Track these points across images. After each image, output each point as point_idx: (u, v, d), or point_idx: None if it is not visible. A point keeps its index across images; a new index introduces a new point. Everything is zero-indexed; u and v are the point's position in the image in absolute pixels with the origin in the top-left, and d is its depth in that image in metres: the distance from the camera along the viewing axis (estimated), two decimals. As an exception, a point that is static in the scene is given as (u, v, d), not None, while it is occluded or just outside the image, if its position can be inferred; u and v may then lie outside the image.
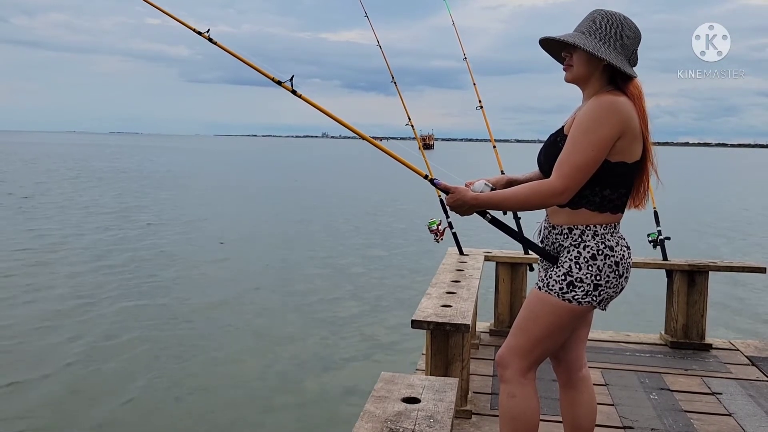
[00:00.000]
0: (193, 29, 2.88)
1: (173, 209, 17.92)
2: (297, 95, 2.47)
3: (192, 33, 2.90)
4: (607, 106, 1.87)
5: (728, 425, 3.02)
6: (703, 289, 4.16)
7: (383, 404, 1.79)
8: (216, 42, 2.83)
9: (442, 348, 2.75)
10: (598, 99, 1.90)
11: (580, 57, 1.95)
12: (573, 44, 1.92)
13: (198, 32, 2.86)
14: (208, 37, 2.82)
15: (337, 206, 19.87)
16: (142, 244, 12.22)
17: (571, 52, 1.97)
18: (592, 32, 1.93)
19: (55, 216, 15.68)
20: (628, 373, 3.71)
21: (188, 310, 7.79)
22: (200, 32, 2.85)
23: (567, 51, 1.98)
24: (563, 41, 1.94)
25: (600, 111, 1.87)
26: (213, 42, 2.83)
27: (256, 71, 2.62)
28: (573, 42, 1.91)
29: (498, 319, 4.40)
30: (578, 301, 1.93)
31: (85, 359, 6.02)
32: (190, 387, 5.47)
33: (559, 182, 1.87)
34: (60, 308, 7.62)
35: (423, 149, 4.54)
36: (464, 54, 4.98)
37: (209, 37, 2.82)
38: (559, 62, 2.07)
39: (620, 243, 1.97)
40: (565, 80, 2.02)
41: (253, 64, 2.65)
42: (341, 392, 5.44)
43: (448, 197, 2.05)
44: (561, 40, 1.95)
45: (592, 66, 1.94)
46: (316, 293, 8.79)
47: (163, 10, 2.99)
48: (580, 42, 1.91)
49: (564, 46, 1.98)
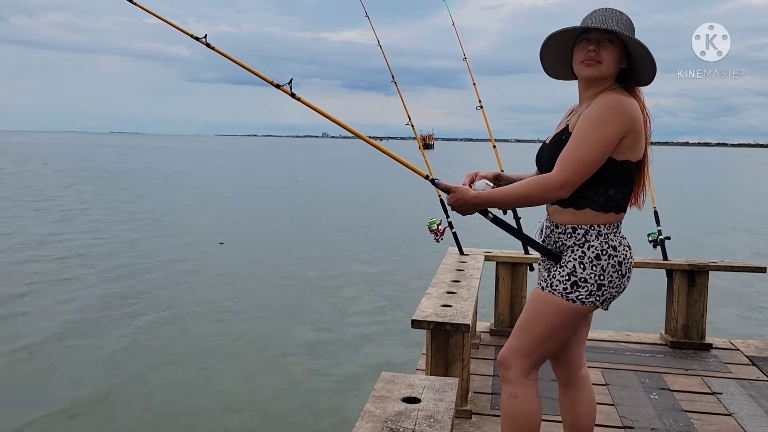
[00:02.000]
0: (190, 35, 2.87)
1: (174, 209, 17.92)
2: (296, 98, 2.46)
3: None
4: (616, 103, 1.87)
5: (728, 425, 3.02)
6: (703, 288, 4.15)
7: (383, 404, 1.79)
8: (214, 47, 2.81)
9: (442, 348, 2.75)
10: (606, 96, 1.90)
11: (613, 55, 1.90)
12: (637, 42, 1.85)
13: (195, 38, 2.84)
14: (206, 42, 2.81)
15: (336, 206, 19.87)
16: (142, 244, 12.22)
17: (602, 48, 1.89)
18: (626, 32, 1.88)
19: (60, 218, 15.67)
20: (628, 372, 3.71)
21: (187, 310, 7.79)
22: (198, 38, 2.84)
23: (598, 46, 1.89)
24: (630, 38, 1.86)
25: (608, 108, 1.86)
26: (211, 47, 2.81)
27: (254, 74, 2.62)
28: (640, 42, 1.85)
29: (498, 319, 4.40)
30: (582, 301, 1.93)
31: (82, 360, 6.03)
32: (190, 387, 5.47)
33: (561, 176, 1.87)
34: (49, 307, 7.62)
35: (423, 149, 4.55)
36: (464, 54, 4.98)
37: (207, 42, 2.80)
38: (547, 63, 2.06)
39: (623, 243, 1.97)
40: (589, 77, 1.94)
41: (251, 68, 2.63)
42: (341, 392, 5.43)
43: (450, 197, 2.04)
44: (624, 35, 1.86)
45: (617, 66, 1.92)
46: (316, 293, 8.79)
47: (160, 17, 2.95)
48: (638, 40, 1.84)
49: (595, 39, 1.91)
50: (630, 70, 1.96)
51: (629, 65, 1.95)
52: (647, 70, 1.92)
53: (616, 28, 1.86)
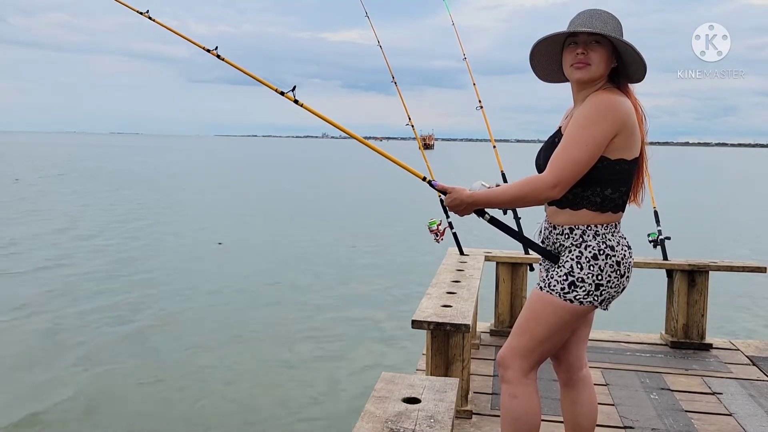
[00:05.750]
0: (201, 47, 2.97)
1: (174, 209, 17.93)
2: (299, 104, 2.51)
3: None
4: (606, 103, 1.87)
5: (729, 425, 3.02)
6: (703, 288, 4.16)
7: (384, 404, 1.79)
8: (224, 59, 2.90)
9: (442, 348, 2.75)
10: (596, 96, 1.90)
11: (602, 56, 1.90)
12: (625, 43, 1.85)
13: (207, 50, 2.93)
14: (217, 54, 2.90)
15: (336, 206, 19.87)
16: (142, 244, 12.23)
17: (590, 50, 1.90)
18: (612, 32, 1.88)
19: (60, 216, 15.69)
20: (628, 372, 3.71)
21: (186, 310, 7.79)
22: (209, 50, 2.93)
23: (586, 48, 1.90)
24: (616, 38, 1.86)
25: (598, 108, 1.87)
26: (221, 59, 2.90)
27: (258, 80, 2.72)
28: (626, 42, 1.85)
29: (498, 320, 4.40)
30: (580, 301, 1.93)
31: (78, 360, 6.03)
32: (189, 388, 5.46)
33: (552, 175, 1.87)
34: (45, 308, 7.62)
35: (423, 149, 4.55)
36: (464, 54, 4.98)
37: (218, 54, 2.90)
38: (538, 68, 2.07)
39: (621, 243, 1.97)
40: (579, 79, 1.94)
41: (258, 77, 2.73)
42: (341, 392, 5.43)
43: (446, 197, 2.06)
44: (614, 38, 1.86)
45: (608, 66, 1.93)
46: (316, 293, 8.79)
47: (172, 30, 3.13)
48: (624, 40, 1.85)
49: (562, 44, 1.95)
50: (621, 68, 1.96)
51: (620, 63, 1.95)
52: (637, 68, 1.92)
53: (601, 30, 1.87)
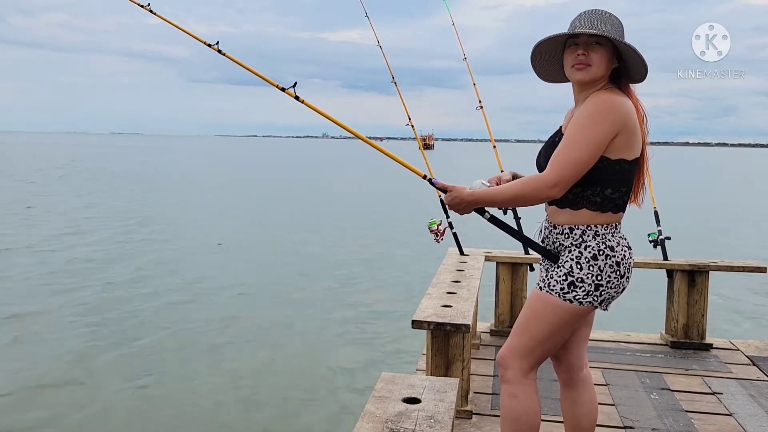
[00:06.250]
0: (203, 42, 3.00)
1: (173, 210, 17.92)
2: (300, 101, 2.51)
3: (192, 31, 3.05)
4: (607, 103, 1.87)
5: (729, 425, 3.02)
6: (703, 288, 4.15)
7: (384, 404, 1.79)
8: (225, 54, 2.92)
9: (442, 348, 2.75)
10: (597, 96, 1.90)
11: (603, 57, 1.90)
12: (627, 45, 1.85)
13: (208, 44, 2.96)
14: (218, 49, 2.92)
15: (336, 206, 19.87)
16: (142, 244, 12.23)
17: (591, 51, 1.90)
18: (613, 33, 1.88)
19: (55, 219, 15.68)
20: (628, 373, 3.71)
21: (185, 310, 7.79)
22: (210, 44, 2.95)
23: (587, 49, 1.90)
24: (617, 40, 1.86)
25: (599, 108, 1.87)
26: (222, 54, 2.93)
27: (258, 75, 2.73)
28: (627, 43, 1.85)
29: (498, 320, 4.40)
30: (579, 301, 1.93)
31: (72, 361, 6.03)
32: (188, 388, 5.46)
33: (553, 175, 1.87)
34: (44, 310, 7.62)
35: (423, 149, 4.55)
36: (464, 54, 4.98)
37: (218, 49, 2.92)
38: (539, 69, 2.07)
39: (621, 243, 1.97)
40: (580, 80, 1.94)
41: (259, 73, 2.73)
42: (342, 392, 5.43)
43: (447, 196, 2.06)
44: (615, 39, 1.86)
45: (608, 67, 1.93)
46: (316, 294, 8.79)
47: (174, 24, 3.14)
48: (630, 44, 1.84)
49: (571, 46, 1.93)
50: (622, 69, 1.95)
51: (621, 64, 1.95)
52: (638, 68, 1.92)
53: (602, 31, 1.87)
